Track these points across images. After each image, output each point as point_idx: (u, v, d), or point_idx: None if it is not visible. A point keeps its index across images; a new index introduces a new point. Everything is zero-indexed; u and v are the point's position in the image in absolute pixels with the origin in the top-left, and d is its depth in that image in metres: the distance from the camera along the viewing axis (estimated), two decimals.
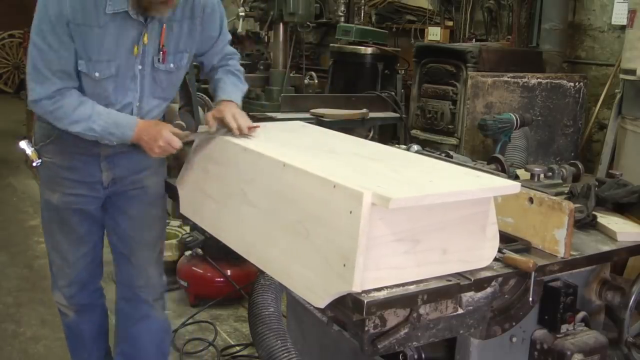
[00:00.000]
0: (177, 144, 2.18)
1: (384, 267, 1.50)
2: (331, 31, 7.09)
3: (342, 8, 6.92)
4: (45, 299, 3.89)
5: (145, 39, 2.17)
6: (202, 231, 3.54)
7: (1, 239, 4.95)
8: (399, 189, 1.51)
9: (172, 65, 2.27)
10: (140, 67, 2.21)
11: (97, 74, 2.14)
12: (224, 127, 2.19)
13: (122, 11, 2.09)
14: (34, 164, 2.30)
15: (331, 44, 6.09)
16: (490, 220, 1.66)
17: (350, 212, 1.47)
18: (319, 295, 1.54)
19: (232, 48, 2.55)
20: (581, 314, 1.92)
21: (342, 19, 6.83)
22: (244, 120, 2.20)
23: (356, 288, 1.45)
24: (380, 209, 1.45)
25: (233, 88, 2.41)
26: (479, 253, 1.66)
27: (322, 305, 1.53)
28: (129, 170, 2.37)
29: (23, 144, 2.29)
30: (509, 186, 1.68)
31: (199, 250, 3.76)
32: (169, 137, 2.18)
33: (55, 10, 2.04)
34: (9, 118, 9.52)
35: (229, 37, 2.54)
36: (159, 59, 2.23)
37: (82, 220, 2.39)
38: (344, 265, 1.46)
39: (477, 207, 1.63)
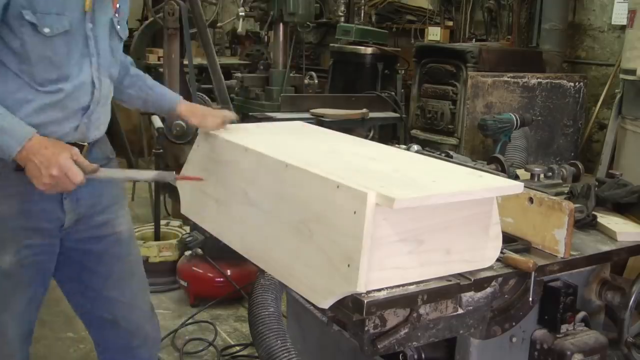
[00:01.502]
0: (78, 177, 1.61)
1: (387, 268, 1.50)
2: (331, 31, 7.09)
3: (342, 8, 6.92)
4: (46, 299, 3.88)
5: None
6: (202, 231, 3.54)
7: None
8: (403, 189, 1.51)
9: (125, 31, 1.85)
10: (91, 25, 1.71)
11: (46, 30, 1.62)
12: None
13: None
14: None
15: (331, 44, 6.10)
16: (493, 220, 1.65)
17: (354, 213, 1.46)
18: (322, 295, 1.53)
19: None
20: (581, 314, 1.92)
21: (342, 19, 6.83)
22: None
23: (360, 288, 1.44)
24: (384, 209, 1.44)
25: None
26: (482, 253, 1.66)
27: (326, 306, 1.52)
28: (93, 205, 1.86)
29: None
30: (513, 186, 1.67)
31: (199, 250, 3.76)
32: (68, 166, 1.59)
33: None
34: None
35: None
36: (118, 21, 1.78)
37: (34, 276, 1.83)
38: (348, 265, 1.46)
39: (480, 207, 1.63)
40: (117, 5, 1.80)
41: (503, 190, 1.67)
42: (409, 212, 1.49)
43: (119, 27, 1.83)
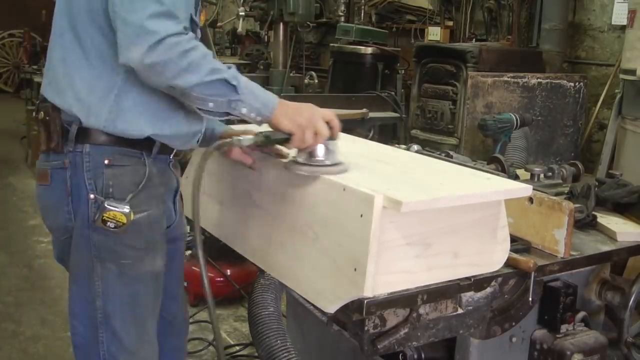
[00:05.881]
0: (336, 123, 1.67)
1: (394, 271, 1.48)
2: (331, 31, 7.10)
3: (342, 8, 6.92)
4: (46, 298, 3.89)
5: None
6: (202, 231, 3.52)
7: (1, 238, 4.95)
8: (410, 191, 1.49)
9: None
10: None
11: (197, 34, 1.65)
12: None
13: None
14: (115, 227, 1.62)
15: (331, 44, 6.09)
16: (501, 224, 1.63)
17: (361, 216, 1.44)
18: (329, 300, 1.51)
19: None
20: (581, 314, 1.92)
21: (342, 18, 6.84)
22: None
23: (367, 293, 1.43)
24: (391, 212, 1.42)
25: None
26: (490, 257, 1.64)
27: (332, 310, 1.50)
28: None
29: (113, 207, 1.62)
30: (521, 189, 1.65)
31: None
32: (329, 115, 1.67)
33: None
34: (9, 118, 9.53)
35: None
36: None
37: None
38: (355, 269, 1.44)
39: (488, 210, 1.61)
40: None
41: (512, 193, 1.63)
42: (416, 215, 1.47)
43: None
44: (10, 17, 11.87)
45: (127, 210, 1.62)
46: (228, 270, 3.67)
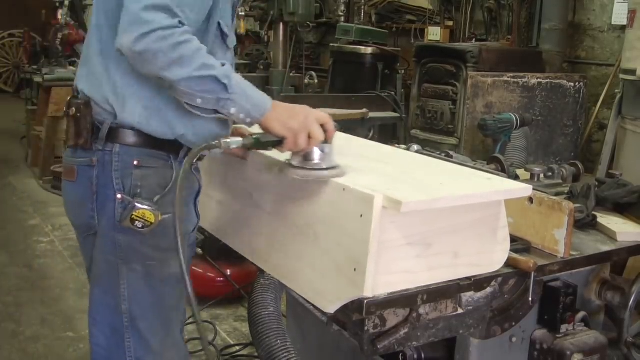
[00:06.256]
0: (331, 126, 1.60)
1: (395, 272, 1.48)
2: (331, 31, 7.10)
3: (342, 8, 6.93)
4: (45, 298, 3.89)
5: None
6: (202, 231, 3.53)
7: (1, 238, 4.95)
8: (410, 191, 1.49)
9: None
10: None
11: (229, 44, 1.69)
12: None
13: None
14: (142, 227, 1.61)
15: (331, 44, 6.10)
16: (502, 224, 1.63)
17: (361, 216, 1.44)
18: (328, 300, 1.51)
19: None
20: (581, 314, 1.92)
21: (342, 18, 6.84)
22: None
23: (367, 293, 1.43)
24: (391, 212, 1.42)
25: None
26: (490, 257, 1.64)
27: (332, 311, 1.50)
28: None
29: (142, 206, 1.61)
30: (522, 189, 1.64)
31: (199, 250, 3.76)
32: (324, 118, 1.59)
33: None
34: (9, 118, 9.52)
35: None
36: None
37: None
38: (355, 269, 1.44)
39: (489, 210, 1.60)
40: None
41: (512, 193, 1.63)
42: (416, 215, 1.47)
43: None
44: (10, 17, 11.86)
45: (156, 210, 1.62)
46: (228, 270, 3.67)
